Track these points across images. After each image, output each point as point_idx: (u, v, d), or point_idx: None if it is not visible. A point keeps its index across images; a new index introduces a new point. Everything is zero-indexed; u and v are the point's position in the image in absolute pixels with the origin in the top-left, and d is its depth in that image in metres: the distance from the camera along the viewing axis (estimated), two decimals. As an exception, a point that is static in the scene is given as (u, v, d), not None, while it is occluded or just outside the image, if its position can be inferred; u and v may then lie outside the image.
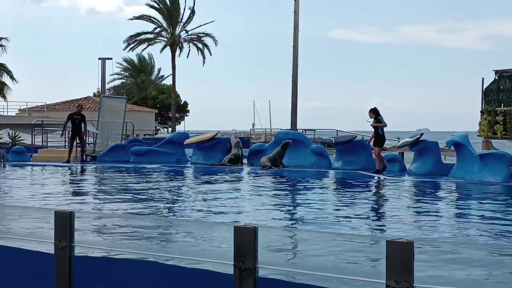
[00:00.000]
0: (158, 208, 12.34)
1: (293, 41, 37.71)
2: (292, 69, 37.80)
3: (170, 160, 25.05)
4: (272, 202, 13.42)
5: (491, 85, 29.43)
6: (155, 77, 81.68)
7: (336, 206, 12.94)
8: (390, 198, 14.47)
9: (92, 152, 27.24)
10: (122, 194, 14.74)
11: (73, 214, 6.13)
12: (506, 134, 27.63)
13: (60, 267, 6.13)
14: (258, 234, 5.10)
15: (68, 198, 14.10)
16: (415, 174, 19.65)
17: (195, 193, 15.36)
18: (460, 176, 18.49)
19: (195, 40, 62.28)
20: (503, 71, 29.34)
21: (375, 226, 10.46)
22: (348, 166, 21.59)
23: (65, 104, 57.85)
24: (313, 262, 6.48)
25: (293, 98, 38.06)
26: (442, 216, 11.73)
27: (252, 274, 5.08)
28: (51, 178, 19.52)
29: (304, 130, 40.70)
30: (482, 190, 15.90)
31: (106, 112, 28.47)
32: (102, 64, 44.99)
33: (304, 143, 23.45)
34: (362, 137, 30.58)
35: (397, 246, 4.46)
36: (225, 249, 5.66)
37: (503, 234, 9.55)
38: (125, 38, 61.68)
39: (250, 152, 24.46)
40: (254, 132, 61.37)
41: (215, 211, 11.82)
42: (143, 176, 19.84)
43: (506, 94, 29.15)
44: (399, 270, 4.44)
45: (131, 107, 55.17)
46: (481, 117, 29.08)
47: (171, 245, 7.93)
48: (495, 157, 18.04)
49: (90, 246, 6.75)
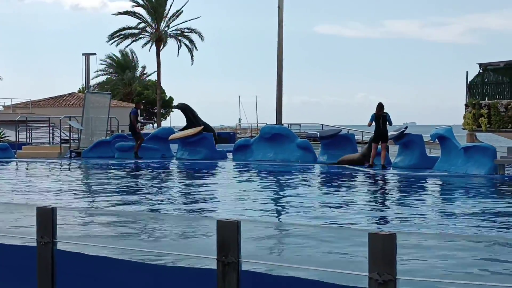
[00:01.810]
0: (141, 203, 12.29)
1: (278, 37, 37.67)
2: (277, 64, 37.77)
3: (155, 156, 24.97)
4: (255, 196, 13.41)
5: (475, 79, 29.55)
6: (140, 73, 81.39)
7: (320, 199, 12.94)
8: (374, 191, 14.50)
9: (76, 148, 27.12)
10: (106, 190, 14.67)
11: (55, 210, 6.08)
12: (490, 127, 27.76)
13: (43, 263, 6.08)
14: (241, 228, 5.08)
15: (51, 194, 14.02)
16: (400, 167, 19.69)
17: (179, 188, 15.31)
18: (444, 169, 18.54)
19: (180, 36, 62.07)
20: (487, 64, 29.47)
21: (359, 219, 10.46)
22: (333, 160, 21.59)
23: (50, 100, 57.51)
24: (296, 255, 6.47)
25: (278, 93, 38.02)
26: (425, 208, 11.76)
27: (236, 268, 5.07)
28: (35, 175, 19.42)
29: (290, 124, 40.73)
30: (466, 183, 15.95)
31: (91, 108, 28.33)
32: (86, 60, 44.82)
33: (289, 138, 23.42)
34: (347, 131, 30.62)
35: (379, 238, 4.46)
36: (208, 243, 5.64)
37: (487, 226, 9.59)
38: (110, 33, 61.38)
39: (236, 147, 24.42)
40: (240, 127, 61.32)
41: (198, 206, 11.79)
42: (127, 172, 19.76)
43: (491, 87, 29.29)
44: (382, 263, 4.43)
45: (116, 103, 54.94)
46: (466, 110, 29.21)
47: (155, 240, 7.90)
48: (479, 150, 18.10)
49: (72, 242, 6.71)
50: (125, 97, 73.65)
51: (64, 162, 24.03)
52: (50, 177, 18.82)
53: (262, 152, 23.25)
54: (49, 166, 22.36)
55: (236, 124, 63.72)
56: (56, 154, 26.28)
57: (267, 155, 23.08)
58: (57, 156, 25.82)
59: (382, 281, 4.41)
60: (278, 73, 37.67)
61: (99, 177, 18.53)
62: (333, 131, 24.10)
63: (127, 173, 19.45)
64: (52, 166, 22.25)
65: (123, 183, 16.38)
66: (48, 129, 31.53)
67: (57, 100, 56.88)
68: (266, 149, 23.28)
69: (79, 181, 17.99)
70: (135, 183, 16.28)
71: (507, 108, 27.11)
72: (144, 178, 17.89)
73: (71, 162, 24.14)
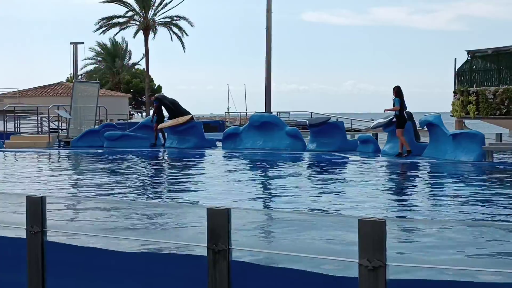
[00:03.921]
0: (131, 192, 12.29)
1: (266, 24, 37.61)
2: (266, 52, 37.71)
3: (144, 145, 24.93)
4: (245, 184, 13.42)
5: (463, 66, 29.61)
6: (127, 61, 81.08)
7: (310, 187, 12.97)
8: (364, 179, 14.53)
9: (65, 137, 27.03)
10: (95, 179, 14.65)
11: (44, 199, 6.07)
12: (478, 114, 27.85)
13: (33, 253, 6.08)
14: (232, 215, 5.09)
15: (41, 183, 13.99)
16: (389, 155, 19.74)
17: (168, 177, 15.31)
18: (433, 156, 18.60)
19: (169, 24, 61.89)
20: (475, 51, 29.53)
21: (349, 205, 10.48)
22: (322, 147, 21.63)
23: (38, 90, 57.25)
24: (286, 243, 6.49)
25: (267, 81, 37.98)
26: (415, 195, 11.81)
27: (226, 256, 5.08)
28: (23, 164, 19.36)
29: (279, 112, 40.74)
30: (455, 169, 16.02)
31: (79, 97, 28.23)
32: (74, 48, 44.58)
33: (278, 126, 23.42)
34: (336, 119, 30.67)
35: (369, 225, 4.48)
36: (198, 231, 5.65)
37: (477, 212, 9.63)
38: (97, 21, 61.11)
39: (225, 135, 24.41)
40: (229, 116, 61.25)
41: (188, 194, 11.80)
42: (116, 161, 19.73)
43: (479, 74, 29.36)
44: (372, 249, 4.45)
45: (104, 92, 54.78)
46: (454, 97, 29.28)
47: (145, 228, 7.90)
48: (467, 136, 18.16)
49: (62, 231, 6.70)
50: (114, 86, 73.42)
51: (52, 151, 23.95)
52: (39, 166, 18.76)
53: (252, 140, 23.26)
54: (38, 155, 22.29)
55: (225, 113, 63.55)
56: (44, 143, 26.21)
57: (256, 143, 23.09)
58: (46, 146, 25.76)
59: (372, 267, 4.44)
60: (267, 61, 37.61)
61: (88, 166, 18.49)
62: (322, 119, 24.12)
63: (115, 162, 19.41)
64: (41, 156, 22.18)
65: (112, 172, 16.35)
66: (37, 118, 31.39)
67: (45, 89, 56.65)
68: (255, 137, 23.28)
69: (68, 170, 17.95)
70: (123, 172, 16.26)
71: (495, 95, 27.19)
72: (133, 167, 17.87)
73: (60, 151, 24.07)
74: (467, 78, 29.49)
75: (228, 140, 23.90)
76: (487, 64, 29.23)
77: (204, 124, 28.42)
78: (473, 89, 28.18)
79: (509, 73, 28.40)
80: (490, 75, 29.00)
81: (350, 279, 4.74)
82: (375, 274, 4.44)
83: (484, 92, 27.50)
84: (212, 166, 18.31)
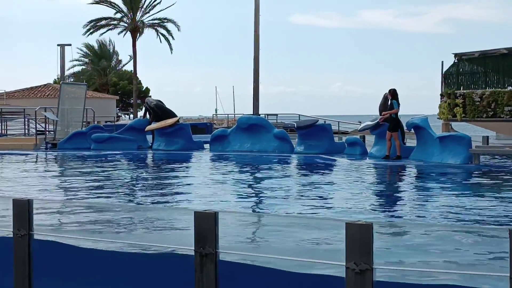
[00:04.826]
0: (118, 194, 12.26)
1: (254, 27, 37.64)
2: (254, 55, 37.75)
3: (131, 147, 24.87)
4: (232, 186, 13.42)
5: (450, 68, 29.73)
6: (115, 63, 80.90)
7: (298, 190, 12.98)
8: (352, 181, 14.56)
9: (52, 139, 26.94)
10: (82, 181, 14.61)
11: (31, 202, 6.05)
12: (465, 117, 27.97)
13: (19, 256, 6.05)
14: (219, 219, 5.09)
15: (28, 185, 13.94)
16: (376, 157, 19.78)
17: (155, 179, 15.28)
18: (420, 159, 18.66)
19: (156, 26, 61.79)
20: (462, 54, 29.66)
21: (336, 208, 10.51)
22: (310, 150, 21.66)
23: (25, 91, 57.02)
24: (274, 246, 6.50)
25: (255, 83, 38.00)
26: (402, 198, 11.85)
27: (213, 259, 5.08)
28: (10, 166, 19.27)
29: (266, 115, 40.78)
30: (441, 172, 16.07)
31: (66, 99, 28.14)
32: (61, 50, 44.45)
33: (266, 128, 23.44)
34: (324, 121, 30.70)
35: (356, 228, 4.49)
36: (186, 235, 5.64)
37: (463, 215, 9.67)
38: (85, 23, 60.93)
39: (213, 137, 24.39)
40: (217, 118, 61.26)
41: (175, 197, 11.78)
42: (103, 163, 19.68)
43: (465, 77, 29.49)
44: (359, 252, 4.46)
45: (92, 94, 54.62)
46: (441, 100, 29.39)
47: (132, 231, 7.89)
48: (454, 139, 18.22)
49: (49, 234, 6.68)
50: (101, 88, 73.23)
51: (39, 153, 23.86)
52: (26, 168, 18.69)
53: (239, 143, 23.26)
54: (25, 157, 22.20)
55: (213, 115, 63.56)
56: (31, 145, 26.12)
57: (244, 146, 23.09)
58: (33, 148, 25.67)
59: (359, 270, 4.45)
60: (255, 63, 37.64)
61: (75, 168, 18.43)
62: (310, 121, 24.14)
63: (102, 164, 19.36)
64: (28, 158, 22.10)
65: (99, 174, 16.31)
66: (23, 120, 31.28)
67: (32, 91, 56.42)
68: (243, 139, 23.28)
69: (55, 172, 17.89)
70: (110, 174, 16.22)
71: (482, 97, 27.32)
72: (120, 169, 17.83)
73: (47, 153, 23.99)
74: (454, 80, 29.61)
75: (216, 142, 23.88)
76: (474, 67, 29.37)
77: (192, 126, 28.37)
78: (460, 92, 28.30)
79: (495, 76, 28.56)
80: (477, 78, 29.14)
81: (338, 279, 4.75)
82: (362, 277, 4.45)
83: (471, 94, 27.62)
84: (199, 168, 18.30)
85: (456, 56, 29.71)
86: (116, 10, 60.84)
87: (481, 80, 28.91)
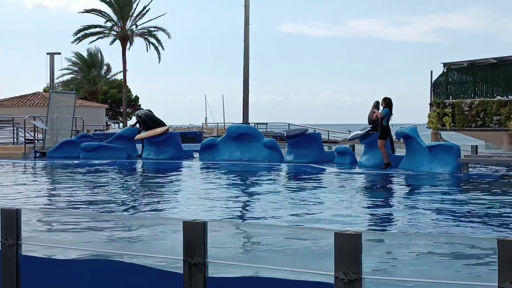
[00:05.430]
0: (107, 204, 12.22)
1: (244, 36, 37.70)
2: (244, 64, 37.79)
3: (120, 156, 24.82)
4: (222, 196, 13.40)
5: (439, 78, 29.89)
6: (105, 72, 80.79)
7: (287, 199, 12.97)
8: (341, 190, 14.57)
9: (41, 148, 26.85)
10: (71, 190, 14.56)
11: (19, 211, 6.01)
12: (454, 126, 28.09)
13: (7, 266, 6.02)
14: (208, 228, 5.08)
15: (15, 195, 13.87)
16: (365, 166, 19.82)
17: (144, 188, 15.24)
18: (409, 168, 18.69)
19: (146, 35, 61.82)
20: (451, 63, 29.83)
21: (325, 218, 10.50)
22: (300, 159, 21.67)
23: (14, 100, 56.78)
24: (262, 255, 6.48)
25: (244, 93, 38.03)
26: (391, 207, 11.85)
27: (202, 269, 5.06)
28: None
29: (256, 124, 40.77)
30: (430, 182, 16.09)
31: (56, 107, 28.09)
32: (50, 59, 44.43)
33: (256, 137, 23.45)
34: (314, 130, 30.73)
35: (345, 237, 4.48)
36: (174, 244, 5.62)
37: (452, 224, 9.69)
38: (75, 31, 60.86)
39: (202, 146, 24.38)
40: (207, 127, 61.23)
41: (164, 206, 11.75)
42: (92, 172, 19.62)
43: (455, 86, 29.64)
44: (348, 262, 4.45)
45: (81, 102, 54.48)
46: (430, 109, 29.53)
47: (120, 241, 7.86)
48: (443, 148, 18.27)
49: (37, 244, 6.64)
50: (90, 96, 73.09)
51: (28, 162, 23.78)
52: (14, 178, 18.61)
53: (229, 152, 23.25)
54: (13, 166, 22.11)
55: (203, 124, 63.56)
56: (20, 154, 26.03)
57: (233, 155, 23.08)
58: (22, 157, 25.59)
59: (347, 280, 4.44)
60: (245, 72, 37.67)
61: (64, 177, 18.37)
62: (300, 130, 24.17)
63: (91, 173, 19.30)
64: (16, 167, 22.01)
65: (88, 183, 16.26)
66: (12, 129, 31.19)
67: (21, 99, 56.18)
68: (232, 148, 23.28)
69: (44, 181, 17.82)
70: (99, 184, 16.16)
71: (471, 107, 27.45)
72: (109, 178, 17.78)
73: (36, 162, 23.90)
74: (443, 90, 29.76)
75: (206, 151, 23.87)
76: (463, 76, 29.53)
77: (181, 135, 28.36)
78: (449, 101, 28.44)
79: (484, 86, 28.71)
80: (465, 87, 29.29)
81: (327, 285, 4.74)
82: (351, 287, 4.45)
83: (460, 104, 27.75)
84: (188, 177, 18.26)
85: (445, 66, 29.88)
86: (106, 19, 60.86)
87: (470, 90, 29.06)
